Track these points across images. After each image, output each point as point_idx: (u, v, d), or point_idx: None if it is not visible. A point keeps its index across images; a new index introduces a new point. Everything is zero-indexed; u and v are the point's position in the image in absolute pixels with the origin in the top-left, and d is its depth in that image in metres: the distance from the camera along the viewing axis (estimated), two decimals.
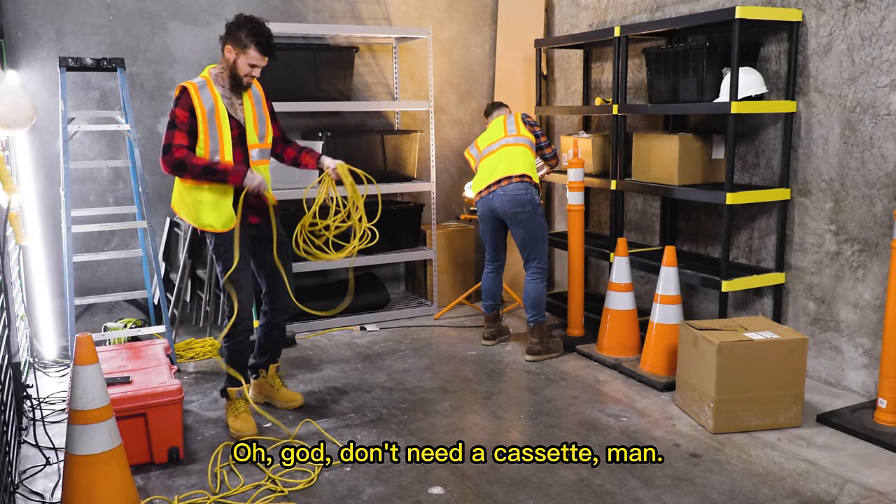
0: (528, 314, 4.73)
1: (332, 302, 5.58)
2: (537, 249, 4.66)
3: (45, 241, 5.03)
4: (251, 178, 3.49)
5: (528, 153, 4.71)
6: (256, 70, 3.53)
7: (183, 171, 3.41)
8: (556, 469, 3.31)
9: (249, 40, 3.45)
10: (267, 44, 3.48)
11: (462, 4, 6.23)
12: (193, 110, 3.44)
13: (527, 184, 4.59)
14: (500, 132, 4.80)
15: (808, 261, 4.30)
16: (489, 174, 4.69)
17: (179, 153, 3.39)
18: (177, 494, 3.13)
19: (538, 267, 4.68)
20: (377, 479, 3.25)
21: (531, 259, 4.69)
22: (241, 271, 3.62)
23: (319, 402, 4.12)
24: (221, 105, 3.51)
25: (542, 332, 4.72)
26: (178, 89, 3.47)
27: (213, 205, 3.52)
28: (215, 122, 3.48)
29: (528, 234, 4.63)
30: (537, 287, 4.69)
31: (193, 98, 3.44)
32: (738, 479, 3.20)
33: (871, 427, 3.60)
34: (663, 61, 4.64)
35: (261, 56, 3.49)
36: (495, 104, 5.15)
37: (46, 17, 4.97)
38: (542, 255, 4.68)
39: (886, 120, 3.83)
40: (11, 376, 3.41)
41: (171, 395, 3.35)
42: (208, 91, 3.49)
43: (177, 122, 3.42)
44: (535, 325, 4.71)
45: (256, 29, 3.46)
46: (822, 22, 4.09)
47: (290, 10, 5.61)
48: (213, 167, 3.43)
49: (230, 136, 3.53)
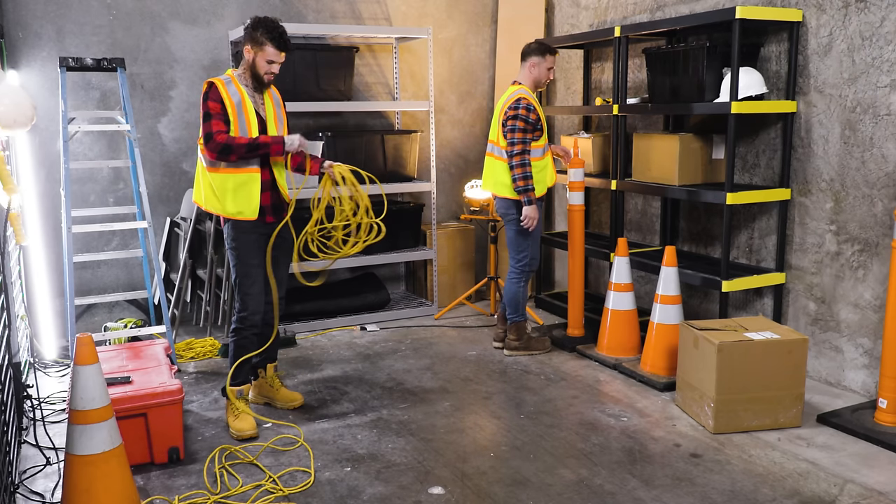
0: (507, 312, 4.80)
1: (332, 302, 5.61)
2: (513, 249, 4.68)
3: (45, 241, 5.03)
4: (290, 142, 3.65)
5: (498, 164, 4.61)
6: (275, 66, 3.65)
7: (229, 153, 3.53)
8: (556, 469, 3.31)
9: (265, 38, 3.59)
10: (281, 39, 3.62)
11: (462, 4, 6.23)
12: (223, 102, 3.57)
13: (499, 199, 4.65)
14: (493, 129, 4.70)
15: (808, 261, 4.30)
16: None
17: (221, 137, 3.51)
18: (177, 494, 3.13)
19: (514, 267, 4.69)
20: (377, 479, 3.25)
21: (511, 258, 4.72)
22: (255, 266, 3.73)
23: (319, 402, 4.12)
24: (248, 98, 3.64)
25: (521, 329, 4.77)
26: (206, 84, 3.60)
27: (241, 191, 3.62)
28: (244, 114, 3.61)
29: (508, 233, 4.68)
30: (510, 287, 4.72)
31: (222, 91, 3.58)
32: (738, 479, 3.20)
33: (872, 427, 3.60)
34: (663, 61, 4.64)
35: (277, 52, 3.62)
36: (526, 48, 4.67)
37: (46, 17, 4.97)
38: (521, 256, 4.66)
39: (887, 120, 3.83)
40: (12, 376, 3.41)
41: (171, 395, 3.35)
42: (234, 86, 3.63)
43: (212, 113, 3.54)
44: (511, 323, 4.77)
45: (271, 26, 3.61)
46: (822, 22, 4.09)
47: (290, 10, 5.61)
48: (256, 141, 3.58)
49: (256, 127, 3.65)
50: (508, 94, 4.56)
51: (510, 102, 4.48)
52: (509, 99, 4.51)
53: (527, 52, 4.59)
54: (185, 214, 5.24)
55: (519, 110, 4.43)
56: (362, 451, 3.52)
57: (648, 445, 3.53)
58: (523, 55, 4.60)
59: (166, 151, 5.40)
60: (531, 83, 4.59)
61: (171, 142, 5.40)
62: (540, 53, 4.53)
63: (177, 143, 5.41)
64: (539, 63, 4.54)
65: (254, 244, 3.71)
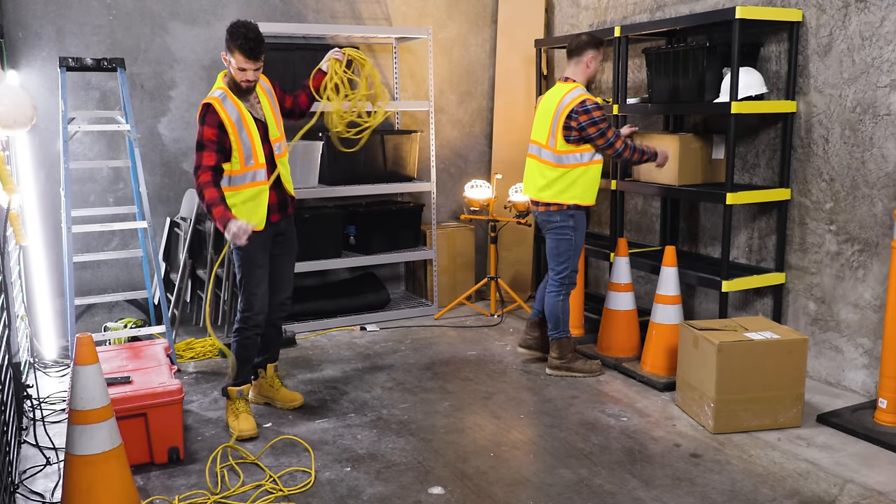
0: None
1: (332, 302, 5.61)
2: (553, 261, 4.38)
3: (45, 241, 5.02)
4: (228, 229, 3.38)
5: (546, 169, 4.29)
6: (249, 73, 3.50)
7: (199, 198, 3.49)
8: (556, 469, 3.31)
9: (233, 45, 3.45)
10: (247, 46, 3.41)
11: (462, 4, 6.23)
12: (222, 124, 3.49)
13: (542, 205, 4.35)
14: (539, 130, 4.33)
15: (808, 261, 4.30)
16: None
17: (203, 178, 3.44)
18: (177, 494, 3.13)
19: (554, 279, 4.40)
20: (377, 479, 3.25)
21: (550, 270, 4.43)
22: (260, 267, 3.72)
23: (319, 402, 4.12)
24: (245, 110, 3.58)
25: (563, 347, 4.42)
26: (202, 107, 3.51)
27: (249, 204, 3.60)
28: (245, 129, 3.55)
29: (549, 243, 4.39)
30: (549, 300, 4.42)
31: (220, 112, 3.49)
32: (738, 479, 3.20)
33: (872, 427, 3.60)
34: (663, 61, 4.64)
35: (245, 59, 3.45)
36: (572, 48, 4.28)
37: (46, 17, 4.97)
38: (561, 269, 4.35)
39: (886, 120, 3.83)
40: (11, 376, 3.41)
41: (171, 395, 3.35)
42: (230, 101, 3.55)
43: (204, 142, 3.47)
44: (553, 339, 4.45)
45: (241, 32, 3.43)
46: (822, 22, 4.09)
47: (290, 10, 5.61)
48: (210, 209, 3.42)
49: (259, 136, 3.61)
50: (564, 94, 4.18)
51: (573, 106, 4.11)
52: (569, 100, 4.14)
53: (580, 46, 4.22)
54: (185, 214, 5.24)
55: (592, 114, 4.09)
56: (362, 451, 3.52)
57: (648, 445, 3.53)
58: (575, 50, 4.22)
59: (166, 151, 5.40)
60: (585, 79, 4.27)
61: (171, 142, 5.40)
62: (596, 47, 4.22)
63: (177, 143, 5.41)
64: (596, 57, 4.23)
65: (259, 244, 3.68)
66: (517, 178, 5.93)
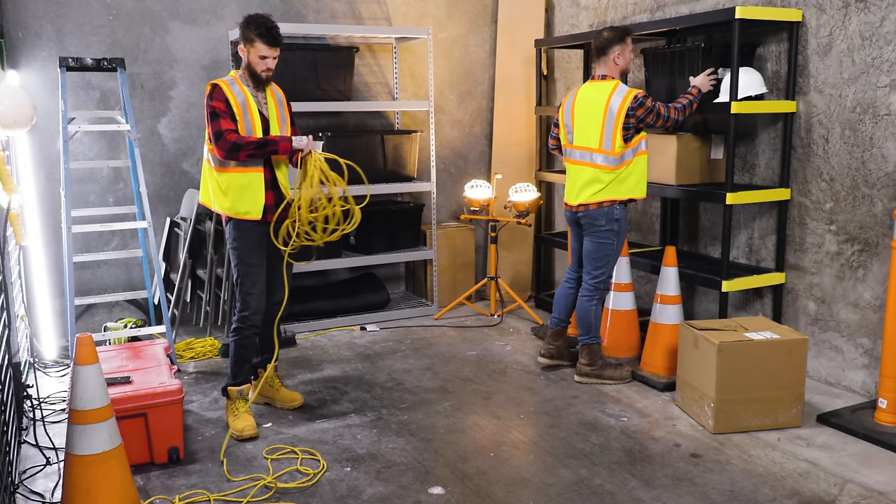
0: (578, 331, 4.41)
1: (332, 302, 5.61)
2: (590, 264, 4.27)
3: (45, 241, 5.02)
4: (299, 141, 3.65)
5: (601, 173, 4.13)
6: (269, 61, 3.66)
7: (238, 151, 3.53)
8: (556, 469, 3.31)
9: (254, 34, 3.60)
10: (269, 34, 3.61)
11: (462, 4, 6.23)
12: (228, 102, 3.59)
13: (587, 207, 4.20)
14: (585, 135, 4.16)
15: (808, 261, 4.30)
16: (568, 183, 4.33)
17: (231, 136, 3.52)
18: (177, 494, 3.13)
19: (588, 283, 4.29)
20: (377, 479, 3.25)
21: (585, 273, 4.32)
22: (257, 266, 3.74)
23: (319, 402, 4.12)
24: (251, 99, 3.66)
25: (594, 353, 4.31)
26: (210, 86, 3.63)
27: (248, 191, 3.63)
28: (248, 114, 3.63)
29: (589, 245, 4.26)
30: (582, 304, 4.30)
31: (226, 91, 3.60)
32: (738, 479, 3.20)
33: (872, 427, 3.60)
34: (661, 61, 4.64)
35: (267, 46, 3.62)
36: (602, 43, 4.14)
37: (46, 17, 4.97)
38: (598, 273, 4.25)
39: (886, 120, 3.83)
40: (11, 376, 3.40)
41: (171, 395, 3.35)
42: (238, 87, 3.65)
43: (218, 112, 3.56)
44: (583, 345, 4.34)
45: (259, 22, 3.61)
46: (822, 22, 4.10)
47: (290, 10, 5.61)
48: (265, 140, 3.59)
49: (260, 126, 3.67)
50: (611, 95, 4.04)
51: (628, 104, 3.99)
52: (621, 100, 4.01)
53: (603, 44, 4.12)
54: (185, 214, 5.24)
55: (645, 104, 3.99)
56: (362, 451, 3.52)
57: (648, 445, 3.53)
58: (599, 49, 4.12)
59: (166, 151, 5.40)
60: (620, 73, 4.17)
61: (171, 142, 5.40)
62: (621, 40, 4.10)
63: (177, 143, 5.41)
64: (623, 49, 4.11)
65: (255, 243, 3.71)
66: (517, 178, 5.94)
